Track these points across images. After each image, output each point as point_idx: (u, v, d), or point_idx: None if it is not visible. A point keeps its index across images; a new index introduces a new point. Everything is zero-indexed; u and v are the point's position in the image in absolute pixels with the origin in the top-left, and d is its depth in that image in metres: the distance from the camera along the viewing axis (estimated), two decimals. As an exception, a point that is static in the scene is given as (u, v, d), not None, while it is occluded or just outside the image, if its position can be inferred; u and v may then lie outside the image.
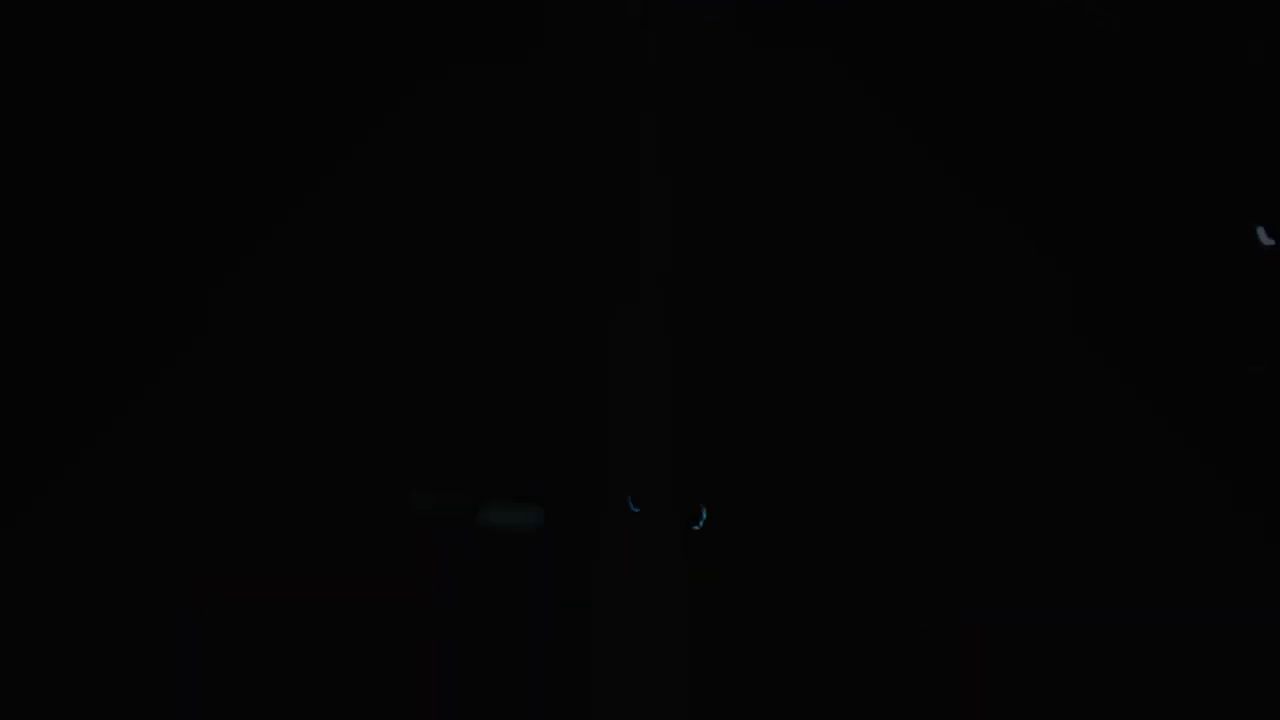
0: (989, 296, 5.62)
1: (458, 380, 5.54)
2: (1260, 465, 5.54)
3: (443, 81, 5.57)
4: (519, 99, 5.59)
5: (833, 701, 5.44)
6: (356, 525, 5.33)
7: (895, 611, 5.52)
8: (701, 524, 5.53)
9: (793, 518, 5.60)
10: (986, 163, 5.64)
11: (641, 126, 5.62)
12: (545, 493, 5.43)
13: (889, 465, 5.59)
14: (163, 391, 5.36)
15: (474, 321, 5.58)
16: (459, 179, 5.59)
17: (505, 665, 5.35)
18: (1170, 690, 5.48)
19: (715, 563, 5.52)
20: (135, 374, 5.36)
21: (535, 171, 5.61)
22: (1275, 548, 5.51)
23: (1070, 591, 5.53)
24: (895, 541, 5.57)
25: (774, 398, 5.63)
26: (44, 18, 5.46)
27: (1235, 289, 5.58)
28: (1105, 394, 5.61)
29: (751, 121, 5.64)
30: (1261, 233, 5.57)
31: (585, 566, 5.41)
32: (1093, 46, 5.62)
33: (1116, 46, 5.62)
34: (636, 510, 5.51)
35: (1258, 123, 5.59)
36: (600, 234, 5.60)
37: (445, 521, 5.36)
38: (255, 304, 5.51)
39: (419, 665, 5.29)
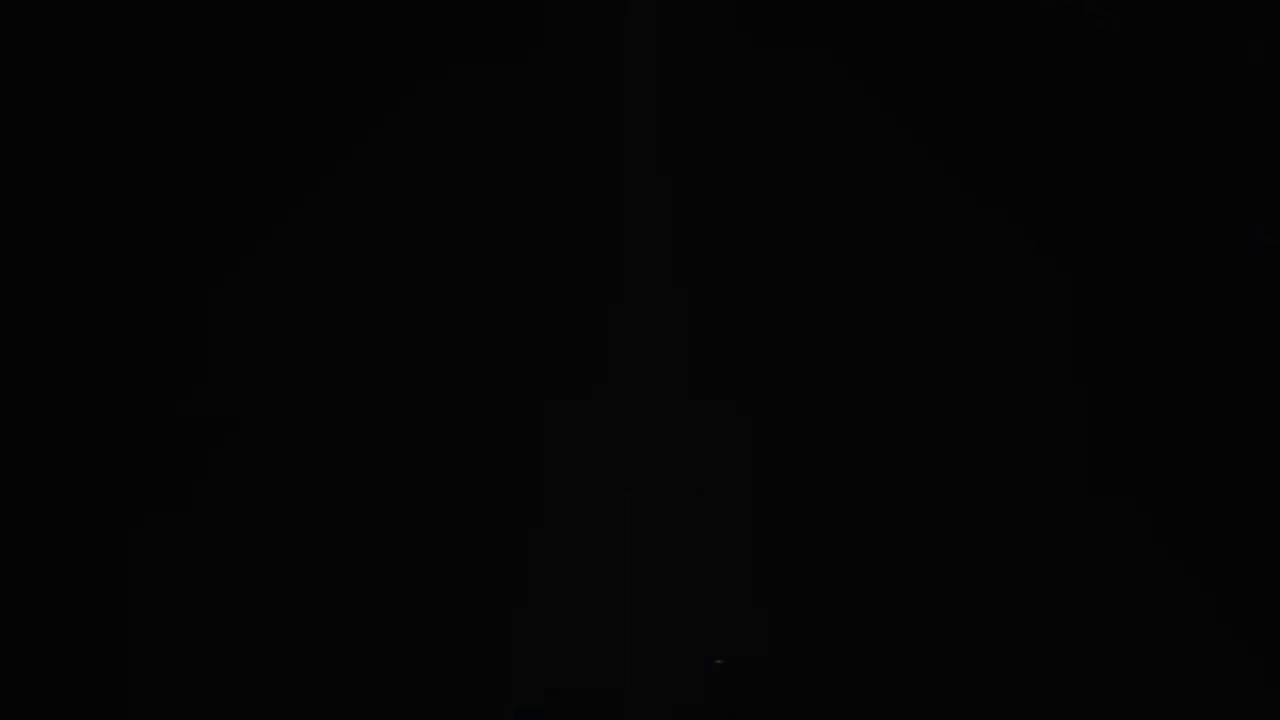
0: (989, 296, 5.62)
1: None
2: (1261, 464, 5.54)
3: (443, 81, 5.57)
4: (519, 99, 5.59)
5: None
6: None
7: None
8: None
9: (791, 519, 5.60)
10: (986, 163, 5.63)
11: (641, 126, 5.61)
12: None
13: (889, 466, 5.59)
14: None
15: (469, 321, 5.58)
16: (458, 179, 5.59)
17: None
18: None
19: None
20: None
21: (534, 171, 5.60)
22: (1275, 544, 5.51)
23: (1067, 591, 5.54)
24: (897, 543, 5.57)
25: (773, 396, 5.63)
26: (44, 17, 5.46)
27: (1235, 289, 5.58)
28: (1104, 394, 5.61)
29: (751, 121, 5.64)
30: (1261, 232, 5.56)
31: None
32: (1093, 46, 5.62)
33: (1116, 46, 5.62)
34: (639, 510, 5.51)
35: (1258, 123, 5.59)
36: (597, 235, 5.60)
37: None
38: (243, 311, 5.52)
39: None
